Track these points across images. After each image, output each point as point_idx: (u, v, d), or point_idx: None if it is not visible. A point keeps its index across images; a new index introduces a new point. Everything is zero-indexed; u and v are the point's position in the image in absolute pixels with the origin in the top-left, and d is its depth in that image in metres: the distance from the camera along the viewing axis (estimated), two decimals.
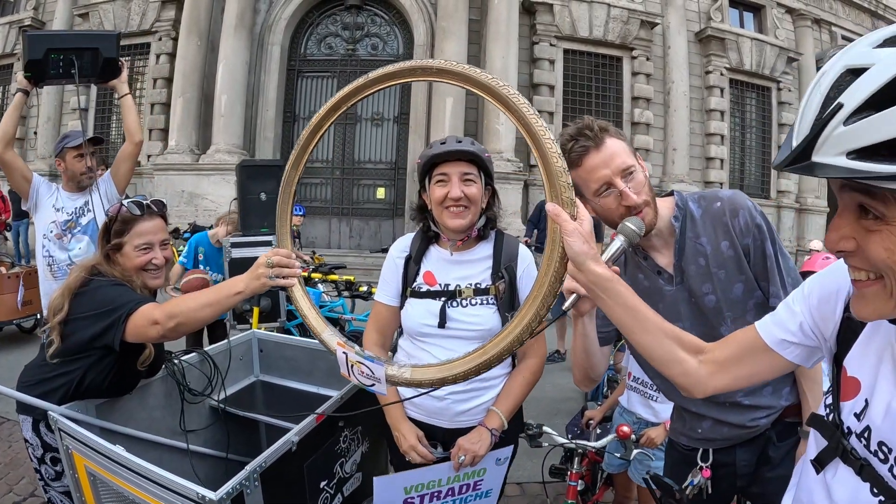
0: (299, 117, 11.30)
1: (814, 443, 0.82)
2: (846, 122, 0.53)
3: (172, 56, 11.23)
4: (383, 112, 10.82)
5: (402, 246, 1.76)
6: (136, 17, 11.74)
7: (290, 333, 5.16)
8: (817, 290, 0.85)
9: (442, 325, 1.62)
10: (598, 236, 4.94)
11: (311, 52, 11.46)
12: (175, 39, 11.30)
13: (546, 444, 2.15)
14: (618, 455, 2.28)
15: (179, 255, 5.57)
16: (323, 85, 11.23)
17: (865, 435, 0.72)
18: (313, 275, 4.10)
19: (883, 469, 0.69)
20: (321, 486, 1.70)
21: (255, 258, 4.46)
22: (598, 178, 1.26)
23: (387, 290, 1.76)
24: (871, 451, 0.71)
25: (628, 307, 0.97)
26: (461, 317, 1.63)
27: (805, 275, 3.46)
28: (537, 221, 5.82)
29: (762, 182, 13.28)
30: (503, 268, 1.65)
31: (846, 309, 0.78)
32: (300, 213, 7.55)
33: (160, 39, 11.67)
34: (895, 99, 0.51)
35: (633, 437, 2.16)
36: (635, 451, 2.17)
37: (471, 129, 10.44)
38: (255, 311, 4.16)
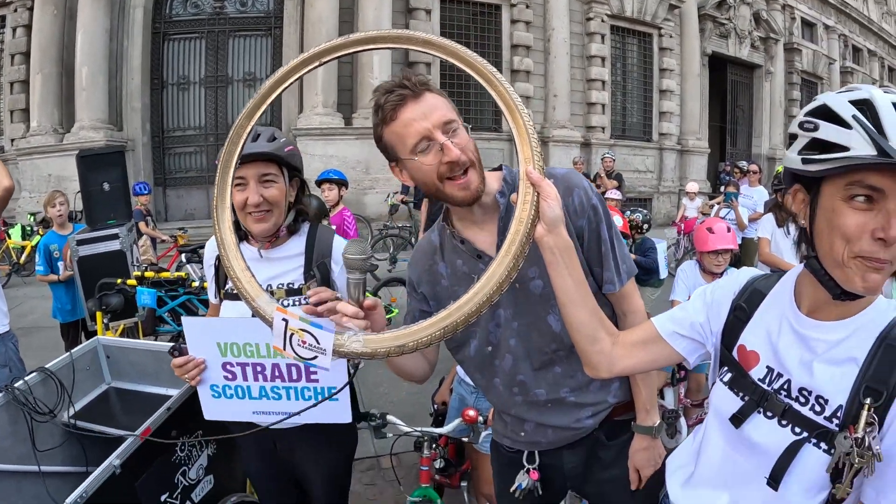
0: (168, 83, 10.72)
1: (728, 404, 0.99)
2: None
3: (29, 28, 10.48)
4: (255, 72, 10.40)
5: (213, 246, 1.68)
6: None
7: (163, 321, 4.60)
8: (718, 293, 1.07)
9: None
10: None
11: (177, 12, 10.83)
12: (31, 10, 10.54)
13: (391, 435, 2.11)
14: (466, 439, 2.12)
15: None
16: (191, 47, 10.67)
17: (786, 386, 0.92)
18: (146, 273, 3.84)
19: (805, 409, 0.89)
20: (162, 499, 1.71)
21: (105, 253, 4.03)
22: (415, 132, 1.11)
23: (211, 289, 1.74)
24: (792, 398, 0.91)
25: (578, 279, 1.06)
26: None
27: (689, 237, 4.20)
28: None
29: (644, 125, 13.71)
30: (315, 265, 1.60)
31: (733, 307, 1.03)
32: (146, 192, 7.24)
33: (15, 11, 10.77)
34: None
35: (480, 418, 2.00)
36: (483, 434, 2.00)
37: (346, 84, 10.23)
38: (99, 316, 3.81)
